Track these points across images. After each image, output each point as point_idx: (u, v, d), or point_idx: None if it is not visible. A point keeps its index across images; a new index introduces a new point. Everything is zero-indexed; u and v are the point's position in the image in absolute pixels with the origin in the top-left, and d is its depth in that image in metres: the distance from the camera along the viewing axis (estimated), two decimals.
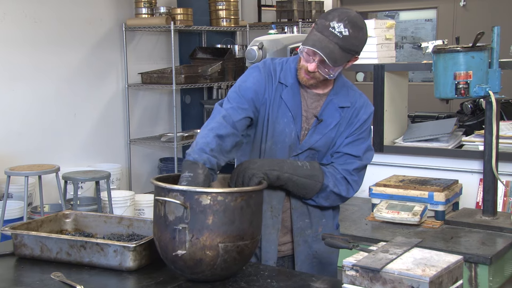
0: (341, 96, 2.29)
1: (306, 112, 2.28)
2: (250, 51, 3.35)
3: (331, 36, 2.10)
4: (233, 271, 1.97)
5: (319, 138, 2.27)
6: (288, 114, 2.26)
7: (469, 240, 2.82)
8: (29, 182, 4.90)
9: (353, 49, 2.14)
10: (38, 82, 5.67)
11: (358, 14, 2.17)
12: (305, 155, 2.28)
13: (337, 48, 2.10)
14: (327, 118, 2.27)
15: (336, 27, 2.10)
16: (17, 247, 2.23)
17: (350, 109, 2.29)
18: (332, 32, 2.10)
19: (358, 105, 2.31)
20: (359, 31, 2.13)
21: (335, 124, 2.27)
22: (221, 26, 6.85)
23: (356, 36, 2.12)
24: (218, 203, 1.87)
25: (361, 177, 2.33)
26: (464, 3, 6.79)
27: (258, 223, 2.00)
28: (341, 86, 2.31)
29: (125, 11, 6.41)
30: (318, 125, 2.27)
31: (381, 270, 1.69)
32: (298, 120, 2.26)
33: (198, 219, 1.86)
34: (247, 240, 1.92)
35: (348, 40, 2.11)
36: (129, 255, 2.07)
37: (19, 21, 5.51)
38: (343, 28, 2.10)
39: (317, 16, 7.11)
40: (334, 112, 2.27)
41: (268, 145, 2.28)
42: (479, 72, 2.94)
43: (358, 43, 2.15)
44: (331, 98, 2.28)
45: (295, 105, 2.26)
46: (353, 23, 2.11)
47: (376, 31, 3.76)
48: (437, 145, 3.54)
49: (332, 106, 2.27)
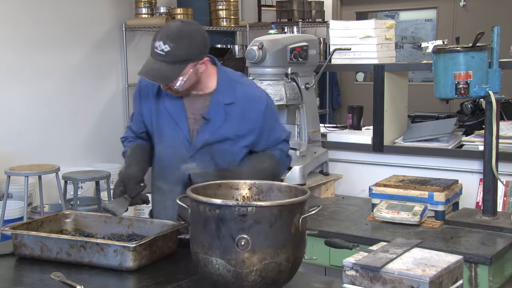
0: (226, 93, 2.39)
1: (194, 115, 2.41)
2: (250, 51, 3.35)
3: (157, 56, 2.25)
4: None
5: (209, 137, 2.39)
6: (172, 121, 2.41)
7: (469, 240, 2.82)
8: (29, 182, 4.90)
9: (182, 59, 2.25)
10: (38, 82, 5.67)
11: (184, 23, 2.31)
12: (202, 153, 2.39)
13: (164, 65, 2.24)
14: (214, 117, 2.38)
15: (158, 46, 2.24)
16: (17, 247, 2.23)
17: (239, 104, 2.38)
18: (156, 52, 2.25)
19: (248, 98, 2.40)
20: (183, 41, 2.24)
21: (223, 122, 2.37)
22: (221, 26, 6.85)
23: (180, 47, 2.23)
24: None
25: (288, 142, 2.55)
26: (464, 3, 6.79)
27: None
28: (227, 82, 2.41)
29: (125, 11, 6.41)
30: (206, 125, 2.39)
31: (381, 269, 1.69)
32: (182, 124, 2.40)
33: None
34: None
35: (172, 54, 2.23)
36: (129, 255, 2.07)
37: (19, 21, 5.50)
38: (163, 45, 2.23)
39: (317, 16, 7.11)
40: (219, 110, 2.38)
41: (161, 148, 2.46)
42: (479, 72, 2.93)
43: (185, 52, 2.25)
44: (216, 96, 2.39)
45: (176, 111, 2.41)
46: (173, 37, 2.23)
47: (376, 31, 3.76)
48: (437, 145, 3.54)
49: (218, 104, 2.38)
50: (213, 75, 2.41)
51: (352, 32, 3.83)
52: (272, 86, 3.35)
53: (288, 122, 3.65)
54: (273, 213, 1.78)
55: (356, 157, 3.79)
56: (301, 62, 3.47)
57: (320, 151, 3.64)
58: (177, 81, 2.29)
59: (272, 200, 2.05)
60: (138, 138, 2.57)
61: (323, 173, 3.68)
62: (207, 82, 2.39)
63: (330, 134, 3.94)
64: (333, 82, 7.35)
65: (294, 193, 2.00)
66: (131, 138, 2.59)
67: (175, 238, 2.25)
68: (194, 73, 2.31)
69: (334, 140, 3.87)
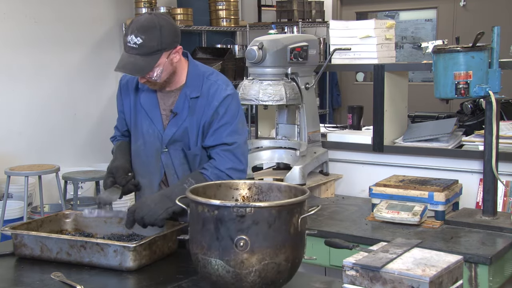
0: (193, 87, 2.45)
1: (165, 110, 2.48)
2: (250, 51, 3.35)
3: (130, 50, 2.30)
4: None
5: (175, 130, 2.44)
6: (147, 117, 2.49)
7: (469, 240, 2.82)
8: (29, 182, 4.91)
9: (156, 49, 2.29)
10: (38, 82, 5.67)
11: (151, 15, 2.35)
12: (174, 148, 2.45)
13: (139, 58, 2.29)
14: (180, 110, 2.44)
15: (130, 40, 2.29)
16: (17, 247, 2.23)
17: (202, 98, 2.43)
18: (130, 46, 2.30)
19: (211, 93, 2.43)
20: (154, 31, 2.29)
21: (187, 115, 2.43)
22: (221, 26, 6.85)
23: (152, 38, 2.28)
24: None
25: (237, 157, 2.42)
26: (464, 3, 6.79)
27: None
28: (195, 77, 2.46)
29: (125, 11, 6.41)
30: (173, 118, 2.45)
31: (381, 269, 1.69)
32: (157, 120, 2.47)
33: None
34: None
35: (145, 45, 2.28)
36: (129, 255, 2.07)
37: (19, 21, 5.51)
38: (135, 38, 2.28)
39: (317, 16, 7.12)
40: (185, 103, 2.44)
41: (139, 145, 2.51)
42: (479, 72, 2.93)
43: (157, 42, 2.29)
44: (184, 91, 2.45)
45: (151, 107, 2.48)
46: (144, 28, 2.29)
47: (376, 31, 3.76)
48: (437, 145, 3.54)
49: (184, 98, 2.45)
50: (185, 69, 2.47)
51: (352, 32, 3.82)
52: (272, 86, 3.35)
53: (288, 122, 3.65)
54: (272, 214, 1.77)
55: (356, 157, 3.79)
56: (301, 62, 3.46)
57: (320, 151, 3.64)
58: (153, 72, 2.33)
59: (272, 200, 2.04)
60: (123, 136, 2.67)
61: (323, 173, 3.68)
62: (180, 77, 2.45)
63: (330, 134, 3.94)
64: (333, 82, 7.35)
65: (293, 193, 2.00)
66: (118, 136, 2.69)
67: (175, 238, 2.25)
68: (169, 63, 2.36)
69: (334, 140, 3.87)
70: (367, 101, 4.15)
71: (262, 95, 3.32)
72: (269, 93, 3.32)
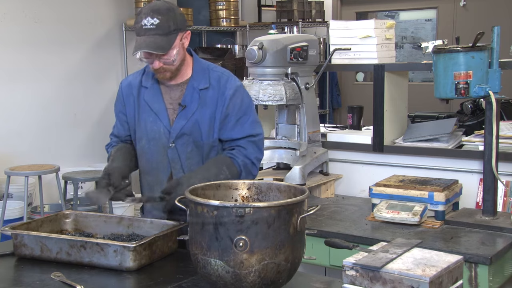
0: (201, 79, 2.47)
1: (172, 104, 2.47)
2: (250, 51, 3.35)
3: (148, 31, 2.31)
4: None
5: (185, 123, 2.43)
6: (152, 113, 2.47)
7: (469, 240, 2.82)
8: (29, 182, 4.91)
9: (173, 28, 2.33)
10: (38, 82, 5.67)
11: (160, 1, 2.38)
12: (181, 143, 2.44)
13: (158, 37, 2.31)
14: (189, 103, 2.44)
15: (147, 22, 2.31)
16: (17, 247, 2.23)
17: (213, 89, 2.44)
18: (147, 28, 2.31)
19: (222, 83, 2.45)
20: (168, 12, 2.33)
21: (197, 107, 2.43)
22: (221, 26, 6.85)
23: (168, 19, 2.32)
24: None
25: (260, 149, 2.49)
26: (464, 3, 6.79)
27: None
28: (201, 70, 2.48)
29: (125, 11, 6.41)
30: (182, 111, 2.44)
31: (381, 269, 1.69)
32: (163, 115, 2.46)
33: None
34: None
35: (163, 25, 2.31)
36: (129, 255, 2.07)
37: (19, 21, 5.51)
38: (151, 19, 2.30)
39: (317, 16, 7.12)
40: (194, 95, 2.43)
41: (143, 144, 2.50)
42: (479, 72, 2.93)
43: (174, 21, 2.33)
44: (191, 83, 2.46)
45: (156, 103, 2.47)
46: (159, 11, 2.32)
47: (376, 31, 3.76)
48: (437, 145, 3.54)
49: (193, 90, 2.45)
50: (189, 64, 2.48)
51: (352, 32, 3.82)
52: (272, 86, 3.35)
53: (288, 122, 3.65)
54: (271, 214, 1.77)
55: (356, 157, 3.79)
56: (301, 62, 3.47)
57: (320, 151, 3.64)
58: (173, 51, 2.35)
59: (271, 200, 2.04)
60: (122, 142, 2.62)
61: (323, 173, 3.68)
62: (186, 69, 2.47)
63: (330, 134, 3.94)
64: (333, 82, 7.35)
65: (293, 193, 2.00)
66: (115, 142, 2.63)
67: (175, 238, 2.25)
68: (182, 47, 2.39)
69: (334, 140, 3.87)
70: (367, 101, 4.16)
71: (262, 95, 3.32)
72: (269, 93, 3.32)
